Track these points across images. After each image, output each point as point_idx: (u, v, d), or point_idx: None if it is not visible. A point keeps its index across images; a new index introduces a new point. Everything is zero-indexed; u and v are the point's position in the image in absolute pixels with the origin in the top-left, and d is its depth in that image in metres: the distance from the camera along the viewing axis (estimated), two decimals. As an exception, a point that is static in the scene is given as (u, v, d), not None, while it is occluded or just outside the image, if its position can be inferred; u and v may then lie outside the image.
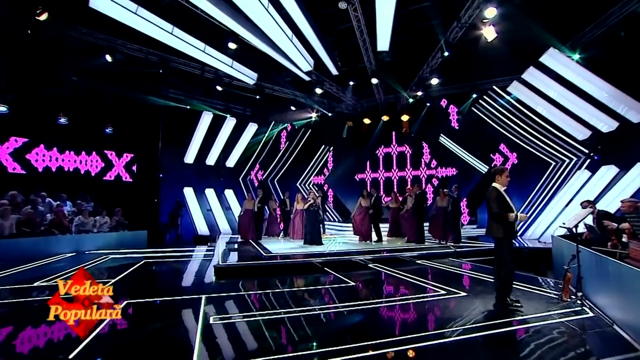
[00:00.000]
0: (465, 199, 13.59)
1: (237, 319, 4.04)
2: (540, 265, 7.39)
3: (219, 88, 13.21)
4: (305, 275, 6.63)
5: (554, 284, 5.52)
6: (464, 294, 4.97)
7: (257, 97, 14.12)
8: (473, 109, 13.77)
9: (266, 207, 12.89)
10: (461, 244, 9.61)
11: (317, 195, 12.72)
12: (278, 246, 9.91)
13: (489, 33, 9.36)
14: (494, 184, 4.47)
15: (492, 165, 13.60)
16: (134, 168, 14.00)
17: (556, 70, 9.29)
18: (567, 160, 11.12)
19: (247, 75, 12.49)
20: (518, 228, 10.50)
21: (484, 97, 13.24)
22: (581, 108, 9.25)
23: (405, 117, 15.23)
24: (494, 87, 12.79)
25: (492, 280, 4.72)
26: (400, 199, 11.50)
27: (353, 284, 5.82)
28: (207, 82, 14.39)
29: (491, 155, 13.85)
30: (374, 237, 10.72)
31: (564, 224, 4.83)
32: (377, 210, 10.75)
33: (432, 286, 5.49)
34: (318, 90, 13.00)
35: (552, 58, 9.19)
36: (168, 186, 14.61)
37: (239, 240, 11.41)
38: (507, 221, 4.26)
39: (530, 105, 11.12)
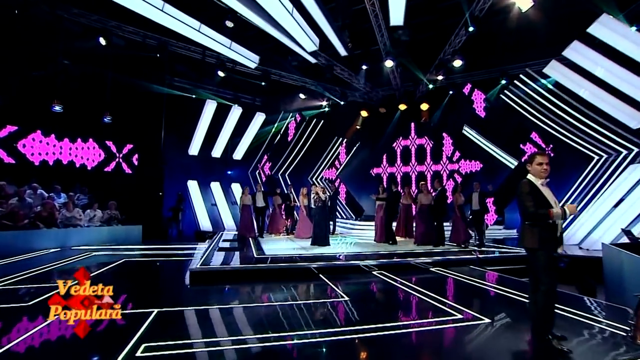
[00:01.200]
0: (491, 197, 12.11)
1: (175, 350, 3.04)
2: (585, 279, 6.02)
3: (220, 74, 12.28)
4: (294, 284, 5.59)
5: (609, 310, 4.23)
6: (486, 320, 3.78)
7: (263, 83, 13.14)
8: (502, 96, 12.25)
9: (270, 202, 11.96)
10: (485, 248, 8.31)
11: (326, 189, 11.66)
12: (278, 246, 8.94)
13: (523, 1, 7.92)
14: (527, 177, 3.26)
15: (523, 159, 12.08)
16: (135, 159, 13.37)
17: (608, 42, 7.71)
18: (615, 154, 9.52)
19: (248, 58, 11.51)
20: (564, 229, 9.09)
21: (515, 82, 11.71)
22: (638, 89, 7.67)
23: (424, 106, 13.86)
24: (527, 70, 11.23)
25: (527, 302, 3.49)
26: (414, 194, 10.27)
27: (347, 299, 4.73)
28: (212, 70, 13.58)
29: (521, 146, 12.27)
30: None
31: (629, 231, 3.53)
32: (391, 208, 9.52)
33: (446, 305, 4.32)
34: (327, 74, 11.84)
35: (603, 27, 7.62)
36: (171, 179, 13.93)
37: (238, 237, 10.52)
38: (547, 222, 3.05)
39: (570, 89, 9.57)
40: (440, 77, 12.08)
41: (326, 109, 16.10)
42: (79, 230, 9.18)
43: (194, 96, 14.41)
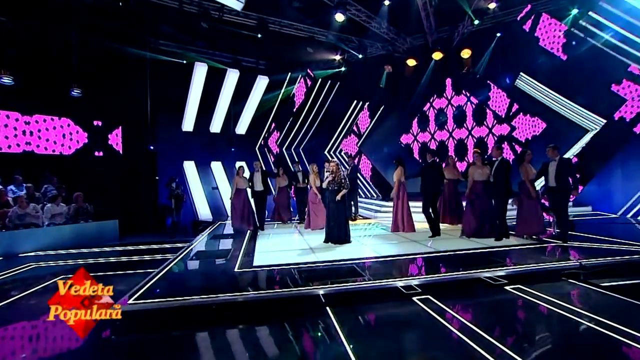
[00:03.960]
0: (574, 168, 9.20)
1: None
2: None
3: (204, 25, 9.81)
4: (281, 334, 3.32)
5: None
6: None
7: (259, 35, 10.54)
8: (574, 29, 9.11)
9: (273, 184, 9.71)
10: (573, 244, 5.71)
11: (340, 167, 9.22)
12: (277, 245, 6.71)
13: None
14: None
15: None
16: (114, 141, 11.31)
17: None
18: None
19: (233, -2, 8.93)
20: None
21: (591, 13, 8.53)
22: None
23: (466, 52, 10.86)
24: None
25: None
26: (462, 167, 7.62)
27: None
28: (205, 31, 11.15)
29: (614, 87, 9.06)
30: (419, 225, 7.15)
31: None
32: (427, 185, 6.91)
33: None
34: (339, 17, 9.08)
35: None
36: (163, 160, 11.93)
37: (234, 231, 8.39)
38: None
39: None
40: (493, 5, 9.02)
41: (342, 69, 13.36)
42: (31, 232, 7.29)
43: (184, 61, 12.08)
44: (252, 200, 8.54)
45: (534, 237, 6.20)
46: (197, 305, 3.67)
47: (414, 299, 3.89)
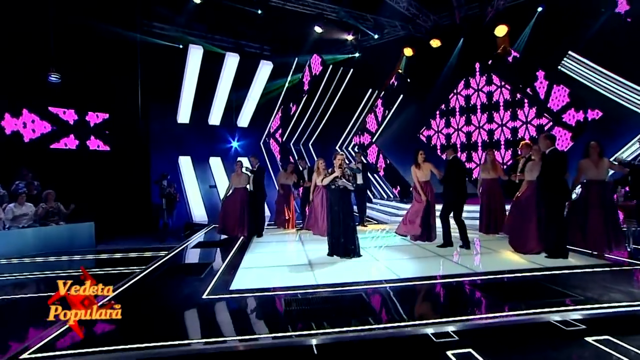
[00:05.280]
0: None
1: None
2: None
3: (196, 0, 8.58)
4: None
5: None
6: None
7: (259, 12, 9.23)
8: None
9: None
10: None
11: (352, 162, 7.82)
12: (269, 258, 5.41)
13: None
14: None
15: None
16: (99, 134, 10.21)
17: None
18: None
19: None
20: None
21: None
22: None
23: (501, 30, 9.25)
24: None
25: None
26: (503, 164, 6.12)
27: None
28: (203, 12, 9.99)
29: None
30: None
31: None
32: (451, 184, 5.44)
33: None
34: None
35: None
36: (156, 155, 10.81)
37: (221, 237, 7.13)
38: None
39: None
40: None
41: (356, 55, 11.94)
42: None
43: (180, 46, 10.92)
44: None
45: (602, 253, 4.69)
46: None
47: (449, 353, 2.50)
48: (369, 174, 8.70)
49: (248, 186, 7.09)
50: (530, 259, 4.69)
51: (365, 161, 8.37)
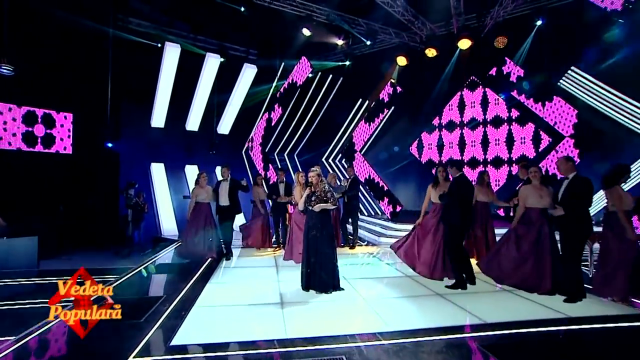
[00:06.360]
0: None
1: None
2: None
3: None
4: None
5: None
6: None
7: (242, 9, 8.48)
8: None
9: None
10: None
11: (343, 179, 7.05)
12: (240, 286, 4.55)
13: None
14: None
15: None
16: (60, 135, 9.23)
17: None
18: None
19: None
20: None
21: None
22: None
23: (501, 42, 8.71)
24: None
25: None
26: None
27: None
28: (187, 10, 9.19)
29: None
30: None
31: None
32: (457, 202, 4.59)
33: None
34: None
35: None
36: (126, 162, 9.86)
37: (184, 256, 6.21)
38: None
39: None
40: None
41: (346, 63, 11.28)
42: None
43: (158, 44, 10.06)
44: (216, 218, 6.40)
45: (626, 301, 3.97)
46: None
47: None
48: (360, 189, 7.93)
49: (226, 199, 6.21)
50: (544, 302, 3.93)
51: (355, 175, 7.60)
